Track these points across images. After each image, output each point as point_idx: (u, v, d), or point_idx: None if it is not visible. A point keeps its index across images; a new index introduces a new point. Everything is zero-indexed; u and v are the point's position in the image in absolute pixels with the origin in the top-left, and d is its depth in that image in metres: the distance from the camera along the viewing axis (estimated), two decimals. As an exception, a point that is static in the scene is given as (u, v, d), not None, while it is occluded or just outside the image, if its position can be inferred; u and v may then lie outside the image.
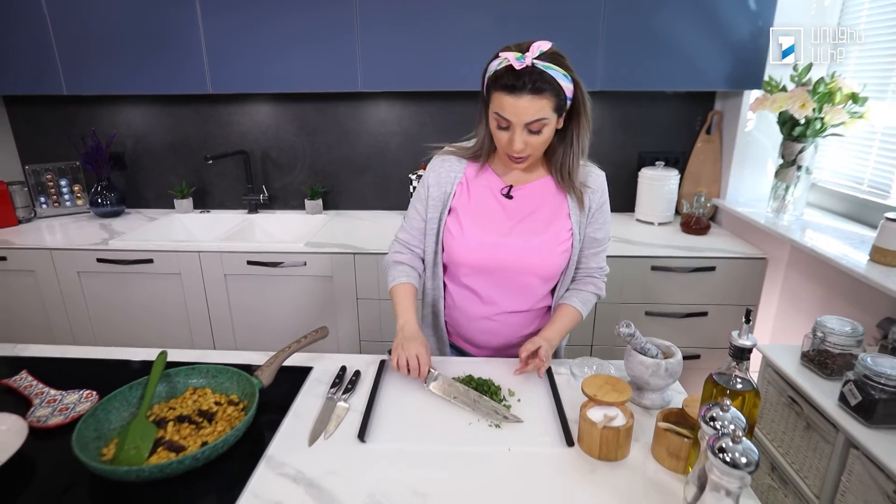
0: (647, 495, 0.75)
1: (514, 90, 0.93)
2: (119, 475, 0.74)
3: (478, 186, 1.12)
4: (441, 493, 0.75)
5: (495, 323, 1.15)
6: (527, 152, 1.00)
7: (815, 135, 1.66)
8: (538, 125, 0.96)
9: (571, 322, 1.12)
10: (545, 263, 1.10)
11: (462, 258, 1.10)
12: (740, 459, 0.55)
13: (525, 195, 1.11)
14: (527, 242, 1.08)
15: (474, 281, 1.13)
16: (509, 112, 0.95)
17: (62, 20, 1.89)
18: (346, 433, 0.88)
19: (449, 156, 1.14)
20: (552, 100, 0.94)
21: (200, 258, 1.88)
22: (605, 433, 0.80)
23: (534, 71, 0.92)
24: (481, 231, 1.09)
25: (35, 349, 1.17)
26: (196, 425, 0.87)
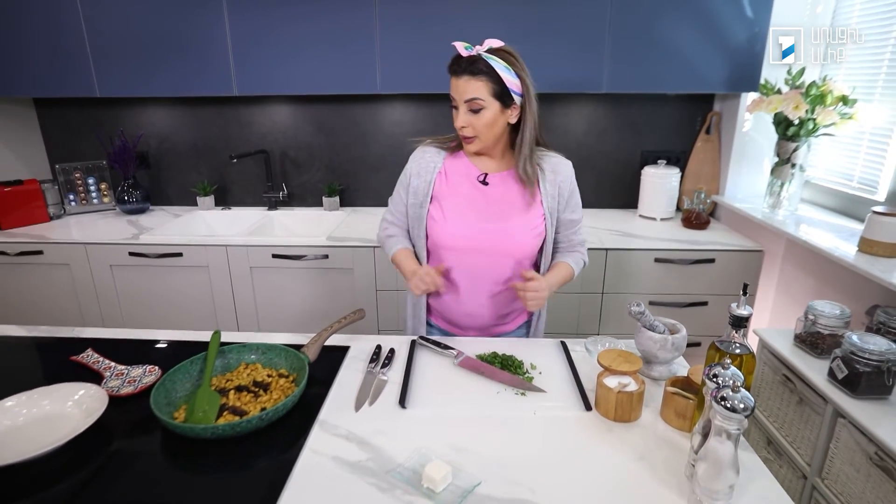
0: (658, 449, 0.85)
1: (455, 72, 1.12)
2: (197, 432, 0.85)
3: (455, 175, 1.24)
4: (476, 449, 0.86)
5: (475, 305, 1.26)
6: (470, 132, 1.14)
7: (808, 135, 1.77)
8: (475, 104, 1.11)
9: (566, 274, 1.27)
10: (520, 245, 1.21)
11: (445, 242, 1.22)
12: (739, 405, 0.66)
13: (500, 182, 1.22)
14: (502, 226, 1.20)
15: (457, 265, 1.24)
16: (453, 91, 1.13)
17: (97, 25, 1.99)
18: (387, 401, 0.99)
19: (429, 147, 1.27)
20: (488, 85, 1.09)
21: (227, 252, 1.99)
22: (620, 397, 0.91)
23: (474, 58, 1.09)
24: (462, 216, 1.21)
25: (91, 331, 1.27)
26: (254, 394, 0.98)
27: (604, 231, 2.06)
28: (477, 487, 0.77)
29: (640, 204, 2.28)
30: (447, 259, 1.24)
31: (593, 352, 1.13)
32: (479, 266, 1.22)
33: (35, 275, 2.06)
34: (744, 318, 0.79)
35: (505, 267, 1.22)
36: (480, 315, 1.28)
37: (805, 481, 1.26)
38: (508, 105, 1.13)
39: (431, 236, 1.24)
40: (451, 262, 1.24)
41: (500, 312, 1.29)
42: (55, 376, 1.01)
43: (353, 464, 0.83)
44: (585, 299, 1.98)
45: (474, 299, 1.26)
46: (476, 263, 1.22)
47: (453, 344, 1.15)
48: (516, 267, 1.23)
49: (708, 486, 0.71)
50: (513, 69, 1.11)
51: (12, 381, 1.07)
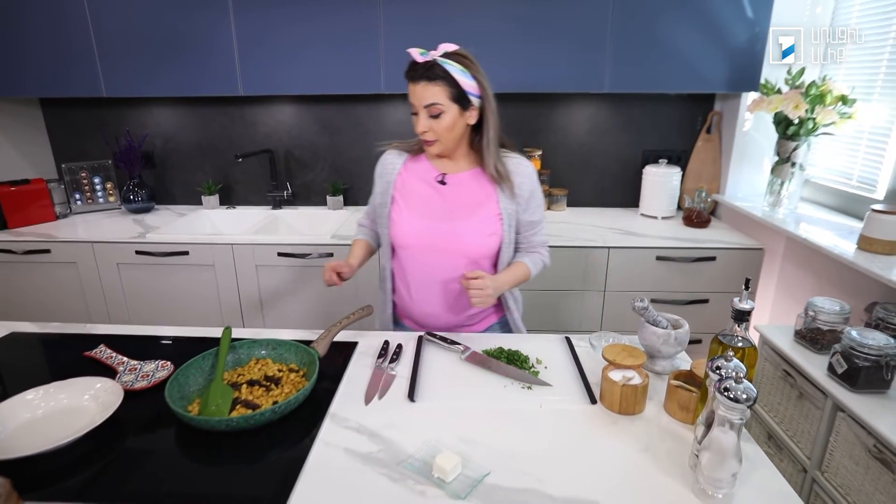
0: (662, 440, 0.87)
1: (413, 79, 1.13)
2: (212, 425, 0.87)
3: (414, 176, 1.27)
4: (485, 440, 0.88)
5: (431, 304, 1.28)
6: (431, 136, 1.16)
7: (808, 134, 1.79)
8: (435, 109, 1.13)
9: (521, 274, 1.26)
10: (473, 244, 1.23)
11: (402, 240, 1.25)
12: (741, 395, 0.68)
13: (458, 183, 1.24)
14: (456, 225, 1.22)
15: (415, 263, 1.27)
16: (412, 97, 1.14)
17: (104, 26, 2.01)
18: (396, 395, 1.01)
19: (392, 150, 1.31)
20: (446, 89, 1.12)
21: (233, 250, 2.00)
22: (625, 390, 0.93)
23: (430, 63, 1.11)
24: (416, 216, 1.24)
25: (102, 328, 1.29)
26: (265, 388, 1.00)
27: (605, 229, 2.08)
28: (486, 477, 0.79)
29: (641, 202, 2.30)
30: (405, 258, 1.28)
31: (597, 347, 1.15)
32: (433, 265, 1.25)
33: (42, 273, 2.08)
34: (746, 311, 0.81)
35: (459, 267, 1.23)
36: (437, 314, 1.29)
37: (805, 474, 1.28)
38: (467, 107, 1.16)
39: (391, 235, 1.28)
40: (408, 260, 1.27)
41: (458, 312, 1.30)
42: (69, 371, 1.03)
43: (364, 455, 0.85)
44: (588, 297, 2.00)
45: (429, 298, 1.28)
46: (430, 262, 1.25)
47: (460, 340, 1.17)
48: (471, 267, 1.24)
49: (711, 475, 0.73)
50: (469, 72, 1.13)
51: (27, 375, 1.10)
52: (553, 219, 2.25)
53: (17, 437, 0.86)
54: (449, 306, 1.28)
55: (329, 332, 1.13)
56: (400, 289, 1.33)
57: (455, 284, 1.25)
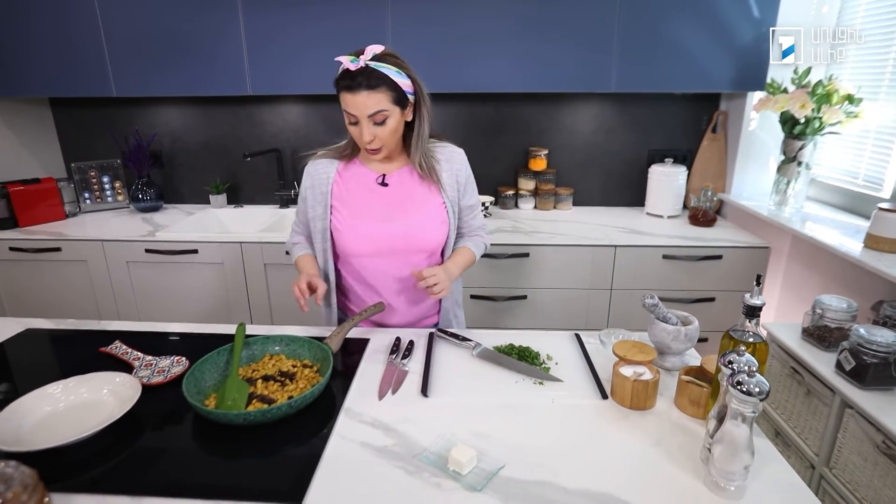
0: (673, 435, 0.89)
1: (351, 88, 1.08)
2: (230, 419, 0.88)
3: (352, 181, 1.24)
4: (498, 435, 0.89)
5: (396, 305, 1.28)
6: (377, 143, 1.14)
7: (815, 133, 1.80)
8: (380, 116, 1.10)
9: (467, 259, 1.29)
10: (427, 238, 1.23)
11: (352, 248, 1.22)
12: (754, 389, 0.69)
13: (398, 181, 1.24)
14: (407, 223, 1.21)
15: (369, 269, 1.25)
16: (352, 108, 1.10)
17: (114, 26, 2.03)
18: (409, 390, 1.02)
19: (321, 158, 1.26)
20: (388, 93, 1.09)
21: (242, 249, 2.02)
22: (636, 385, 0.94)
23: (366, 70, 1.07)
24: (363, 220, 1.21)
25: (116, 324, 1.31)
26: (280, 383, 1.01)
27: (612, 228, 2.09)
28: (501, 470, 0.80)
29: (647, 202, 2.31)
30: (358, 265, 1.25)
31: (607, 343, 1.16)
32: (392, 267, 1.24)
33: (53, 271, 2.10)
34: (757, 307, 0.82)
35: (418, 262, 1.25)
36: (403, 312, 1.30)
37: (813, 471, 1.29)
38: (405, 107, 1.15)
39: (339, 245, 1.24)
40: (363, 267, 1.25)
41: (423, 307, 1.31)
42: (85, 367, 1.04)
43: (380, 449, 0.86)
44: (594, 295, 2.01)
45: (393, 299, 1.27)
46: (388, 265, 1.24)
47: (471, 336, 1.18)
48: (429, 260, 1.26)
49: (724, 468, 0.74)
50: (403, 71, 1.12)
51: (44, 370, 1.12)
52: (559, 217, 2.27)
53: (40, 430, 0.88)
54: (412, 302, 1.29)
55: (342, 329, 1.14)
56: (356, 295, 1.30)
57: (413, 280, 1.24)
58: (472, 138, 2.38)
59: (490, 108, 2.36)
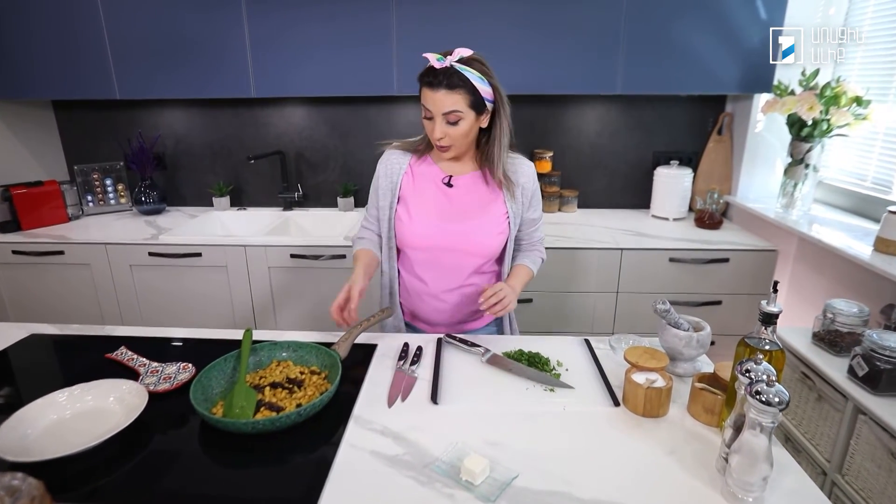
0: (687, 443, 0.87)
1: (432, 85, 1.10)
2: (238, 427, 0.87)
3: (421, 176, 1.26)
4: (510, 443, 0.88)
5: (443, 302, 1.29)
6: (447, 142, 1.16)
7: (822, 135, 1.79)
8: (454, 116, 1.12)
9: (528, 276, 1.31)
10: (483, 244, 1.24)
11: (411, 241, 1.25)
12: (773, 399, 0.68)
13: (464, 184, 1.25)
14: (466, 225, 1.23)
15: (423, 263, 1.27)
16: (430, 103, 1.12)
17: (117, 28, 2.02)
18: (418, 397, 1.01)
19: (395, 150, 1.30)
20: (466, 96, 1.11)
21: (246, 252, 2.01)
22: (649, 393, 0.93)
23: (449, 70, 1.09)
24: (427, 216, 1.23)
25: (121, 330, 1.29)
26: (288, 391, 1.00)
27: (618, 231, 2.08)
28: (514, 480, 0.79)
29: (652, 204, 2.30)
30: (413, 257, 1.28)
31: (617, 349, 1.15)
32: (443, 264, 1.26)
33: (55, 274, 2.09)
34: (774, 314, 0.81)
35: (469, 265, 1.26)
36: (445, 311, 1.31)
37: (825, 477, 1.27)
38: (482, 113, 1.16)
39: (399, 236, 1.27)
40: (417, 259, 1.28)
41: (466, 309, 1.32)
42: (90, 373, 1.03)
43: (391, 458, 0.85)
44: (600, 298, 2.00)
45: (440, 296, 1.29)
46: (441, 262, 1.26)
47: (480, 342, 1.17)
48: (483, 265, 1.27)
49: (742, 479, 0.73)
50: (485, 78, 1.13)
51: (49, 377, 1.11)
52: (564, 220, 2.25)
53: (47, 439, 0.86)
54: (460, 304, 1.30)
55: (350, 335, 1.13)
56: (408, 289, 1.33)
57: (465, 282, 1.27)
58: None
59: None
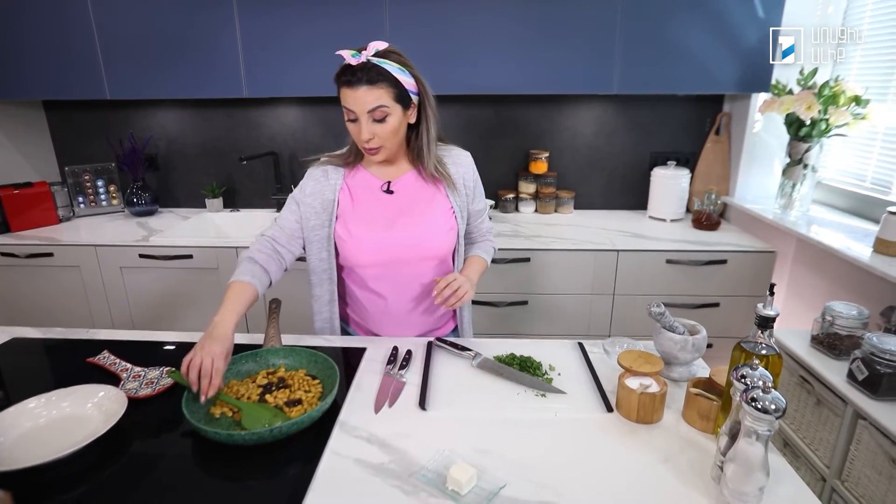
0: (682, 451, 0.85)
1: (351, 83, 1.03)
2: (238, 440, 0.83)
3: (358, 189, 1.19)
4: (499, 451, 0.85)
5: (406, 315, 1.24)
6: (376, 143, 1.09)
7: (821, 135, 1.76)
8: (380, 113, 1.05)
9: (482, 266, 1.28)
10: (437, 245, 1.19)
11: (359, 259, 1.18)
12: (770, 406, 0.65)
13: (403, 187, 1.19)
14: (414, 230, 1.17)
15: (377, 280, 1.20)
16: (351, 103, 1.05)
17: (107, 28, 2.00)
18: (406, 403, 0.98)
19: (325, 165, 1.20)
20: (389, 90, 1.04)
21: (237, 253, 1.98)
22: (643, 398, 0.90)
23: (367, 65, 1.03)
24: (369, 229, 1.16)
25: (105, 333, 1.27)
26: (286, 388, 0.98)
27: (614, 232, 2.06)
28: (502, 490, 0.76)
29: (649, 205, 2.27)
30: (365, 275, 1.20)
31: (611, 353, 1.13)
32: (401, 275, 1.20)
33: (45, 277, 2.06)
34: (770, 318, 0.78)
35: (427, 270, 1.21)
36: (412, 323, 1.26)
37: (824, 483, 1.25)
38: (408, 106, 1.10)
39: (344, 256, 1.20)
40: (370, 276, 1.20)
41: (432, 317, 1.28)
42: (72, 378, 1.00)
43: (376, 466, 0.82)
44: (597, 300, 1.97)
45: (404, 309, 1.23)
46: (398, 273, 1.20)
47: (470, 345, 1.15)
48: (439, 267, 1.22)
49: (737, 489, 0.70)
50: (406, 69, 1.07)
51: (29, 382, 1.08)
52: (560, 221, 2.23)
53: (19, 447, 0.84)
54: (424, 313, 1.26)
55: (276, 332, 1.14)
56: (365, 307, 1.25)
57: (426, 288, 1.22)
58: (471, 141, 2.34)
59: (489, 111, 2.33)
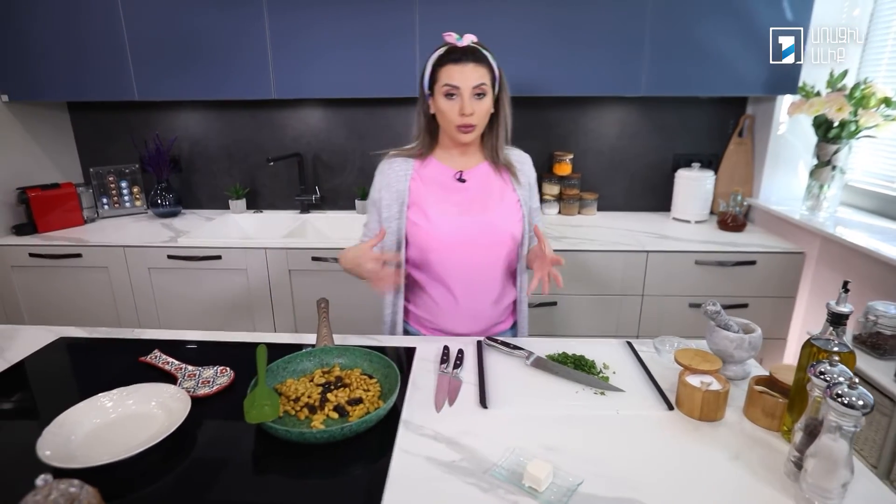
0: (750, 448, 0.85)
1: (459, 61, 1.13)
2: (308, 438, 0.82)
3: (430, 178, 1.23)
4: (567, 448, 0.85)
5: (475, 305, 1.25)
6: (474, 119, 1.15)
7: (850, 137, 1.78)
8: (481, 89, 1.14)
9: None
10: (507, 233, 1.22)
11: (432, 244, 1.20)
12: (857, 402, 0.66)
13: (476, 177, 1.25)
14: (487, 215, 1.21)
15: (447, 267, 1.22)
16: (457, 79, 1.12)
17: (137, 30, 2.00)
18: (466, 401, 0.98)
19: (394, 158, 1.26)
20: (488, 71, 1.15)
21: (266, 254, 1.98)
22: (707, 396, 0.91)
23: (472, 47, 1.15)
24: (443, 211, 1.21)
25: (151, 332, 1.26)
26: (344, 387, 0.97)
27: (641, 234, 2.07)
28: (580, 486, 0.77)
29: (673, 206, 2.28)
30: (436, 263, 1.22)
31: (662, 351, 1.13)
32: (472, 263, 1.22)
33: (73, 277, 2.06)
34: (844, 314, 0.79)
35: (496, 259, 1.24)
36: (481, 314, 1.27)
37: (870, 482, 1.25)
38: (495, 93, 1.18)
39: (416, 242, 1.21)
40: (439, 262, 1.22)
41: (499, 309, 1.29)
42: (127, 376, 1.01)
43: (447, 464, 0.82)
44: (626, 301, 1.97)
45: (473, 298, 1.25)
46: (469, 261, 1.22)
47: (521, 344, 1.15)
48: (508, 256, 1.25)
49: (819, 485, 0.71)
50: (495, 61, 1.17)
51: (84, 380, 1.08)
52: (584, 223, 2.24)
53: (90, 444, 0.84)
54: (493, 303, 1.27)
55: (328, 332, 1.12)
56: (436, 301, 1.26)
57: (494, 278, 1.24)
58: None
59: (515, 112, 2.33)
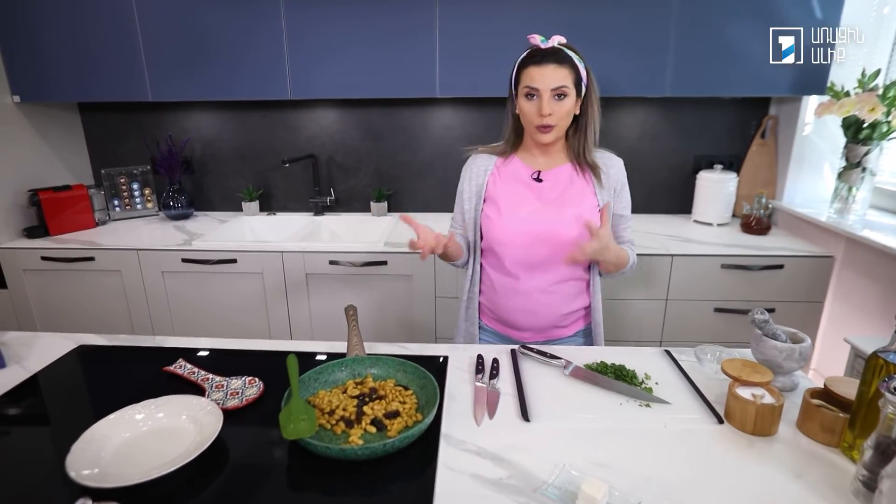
0: (811, 466, 0.81)
1: (540, 62, 1.14)
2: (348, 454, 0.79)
3: (508, 175, 1.27)
4: (618, 464, 0.81)
5: (535, 303, 1.25)
6: (553, 120, 1.15)
7: (882, 138, 1.74)
8: (561, 91, 1.13)
9: (624, 255, 1.22)
10: (575, 236, 1.19)
11: (501, 237, 1.23)
12: (943, 421, 0.62)
13: (553, 177, 1.25)
14: (559, 218, 1.21)
15: (517, 261, 1.24)
16: (538, 80, 1.13)
17: (151, 29, 1.97)
18: (507, 414, 0.94)
19: (480, 154, 1.32)
20: (571, 73, 1.14)
21: (283, 258, 1.95)
22: (762, 410, 0.87)
23: (555, 49, 1.15)
24: (517, 211, 1.23)
25: (173, 340, 1.23)
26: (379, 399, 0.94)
27: (663, 237, 2.03)
28: (638, 507, 0.73)
29: (694, 209, 2.24)
30: (504, 256, 1.25)
31: (704, 360, 1.09)
32: (537, 260, 1.23)
33: (85, 281, 2.02)
34: (915, 327, 0.75)
35: (562, 260, 1.22)
36: (540, 312, 1.26)
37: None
38: (579, 95, 1.18)
39: (488, 234, 1.26)
40: (509, 257, 1.24)
41: (561, 311, 1.27)
42: (152, 387, 0.97)
43: (495, 482, 0.78)
44: (649, 305, 1.94)
45: (532, 295, 1.25)
46: (535, 257, 1.23)
47: (557, 353, 1.11)
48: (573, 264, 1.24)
49: (895, 507, 0.67)
50: (582, 62, 1.18)
51: (107, 392, 1.04)
52: (605, 225, 2.20)
53: (121, 460, 0.80)
54: (553, 302, 1.26)
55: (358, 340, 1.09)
56: (496, 289, 1.28)
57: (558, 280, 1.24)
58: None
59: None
